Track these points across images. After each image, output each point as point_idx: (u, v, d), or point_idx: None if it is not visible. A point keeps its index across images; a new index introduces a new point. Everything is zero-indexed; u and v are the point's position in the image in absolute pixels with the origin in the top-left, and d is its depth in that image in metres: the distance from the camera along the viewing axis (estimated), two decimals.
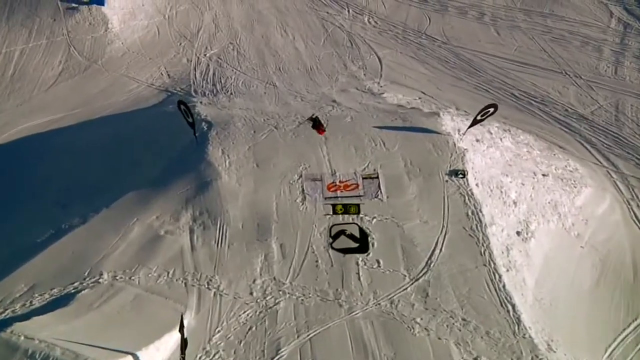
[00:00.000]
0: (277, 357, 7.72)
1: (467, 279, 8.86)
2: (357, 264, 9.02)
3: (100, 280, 8.67)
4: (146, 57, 16.38)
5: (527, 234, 9.84)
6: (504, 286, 8.78)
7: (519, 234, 9.80)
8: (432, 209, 9.71)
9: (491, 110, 10.56)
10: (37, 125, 13.67)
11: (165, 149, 10.97)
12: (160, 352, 7.48)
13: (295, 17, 18.05)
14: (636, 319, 9.00)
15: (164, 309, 8.31)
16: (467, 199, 9.88)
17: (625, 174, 11.95)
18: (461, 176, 10.11)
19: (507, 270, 9.10)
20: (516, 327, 8.28)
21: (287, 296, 8.61)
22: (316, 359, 7.71)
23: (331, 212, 9.63)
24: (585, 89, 14.71)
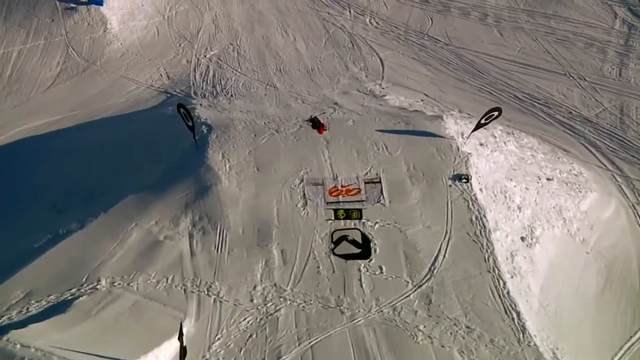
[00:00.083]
0: None
1: (471, 285, 8.78)
2: (359, 270, 8.93)
3: (98, 286, 8.58)
4: (145, 58, 16.25)
5: (532, 239, 9.72)
6: (508, 293, 8.71)
7: (523, 239, 9.68)
8: (436, 214, 9.60)
9: (495, 113, 10.43)
10: (35, 127, 13.54)
11: (164, 152, 10.83)
12: None
13: (296, 17, 17.93)
14: None
15: (163, 316, 8.23)
16: (470, 204, 9.76)
17: (630, 178, 11.82)
18: (465, 181, 9.98)
19: (512, 276, 9.01)
20: (521, 334, 8.21)
21: (288, 303, 8.52)
22: None
23: (333, 217, 9.54)
24: (589, 91, 14.57)
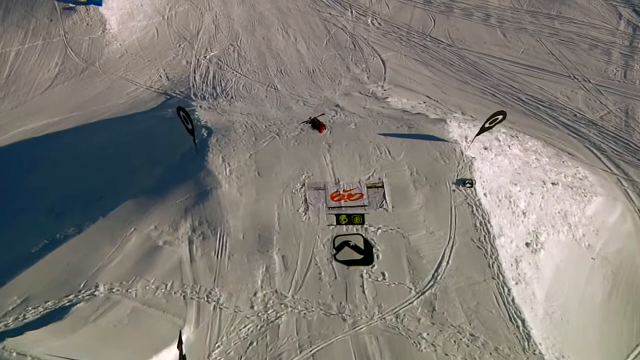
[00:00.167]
0: None
1: (475, 292, 8.65)
2: (361, 277, 8.80)
3: (96, 292, 8.47)
4: (145, 59, 16.09)
5: (537, 245, 9.57)
6: (513, 300, 8.58)
7: (528, 245, 9.54)
8: (439, 219, 9.46)
9: (500, 117, 10.27)
10: (32, 129, 13.38)
11: (163, 155, 10.68)
12: None
13: (297, 18, 17.75)
14: None
15: (162, 323, 8.12)
16: (475, 209, 9.62)
17: (636, 182, 11.67)
18: (469, 185, 9.83)
19: (517, 283, 8.88)
20: (526, 342, 8.08)
21: (289, 310, 8.40)
22: None
23: (335, 223, 9.41)
24: (594, 93, 14.41)
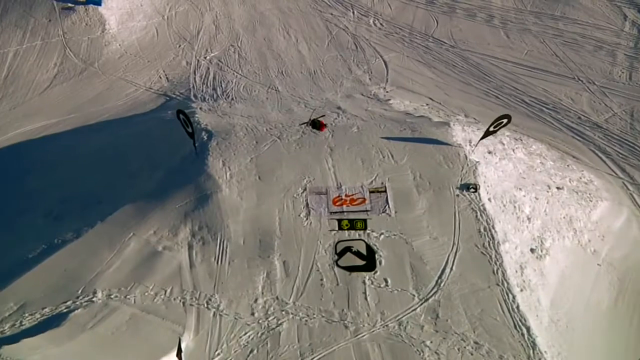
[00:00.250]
0: None
1: (479, 299, 8.54)
2: (363, 283, 8.69)
3: (94, 299, 8.36)
4: (144, 60, 15.95)
5: (542, 251, 9.45)
6: (517, 307, 8.47)
7: (533, 251, 9.41)
8: (443, 225, 9.33)
9: (504, 121, 10.13)
10: (30, 130, 13.25)
11: (163, 159, 10.55)
12: None
13: (298, 18, 17.61)
14: None
15: (161, 330, 8.03)
16: (479, 214, 9.48)
17: None
18: (473, 190, 9.69)
19: (521, 290, 8.77)
20: (531, 351, 7.98)
21: (291, 317, 8.30)
22: None
23: (337, 228, 9.28)
24: (598, 95, 14.27)
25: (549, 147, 12.24)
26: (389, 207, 9.48)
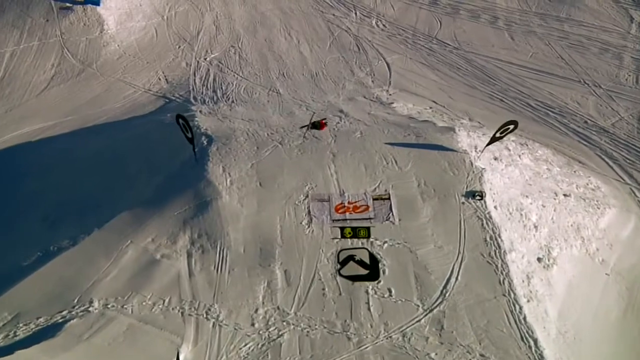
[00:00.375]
0: None
1: (485, 310, 8.35)
2: (366, 293, 8.51)
3: (90, 308, 8.17)
4: (143, 61, 15.73)
5: (549, 260, 9.25)
6: (524, 318, 8.28)
7: (540, 260, 9.20)
8: (448, 233, 9.13)
9: (511, 127, 9.91)
10: (27, 133, 13.05)
11: (162, 164, 10.34)
12: None
13: (300, 19, 17.40)
14: None
15: (159, 341, 7.86)
16: (485, 222, 9.28)
17: None
18: (479, 198, 9.49)
19: (528, 300, 8.58)
20: None
21: (292, 327, 8.12)
22: None
23: (339, 236, 9.09)
24: (605, 99, 14.06)
25: (555, 152, 12.05)
26: (392, 214, 9.28)
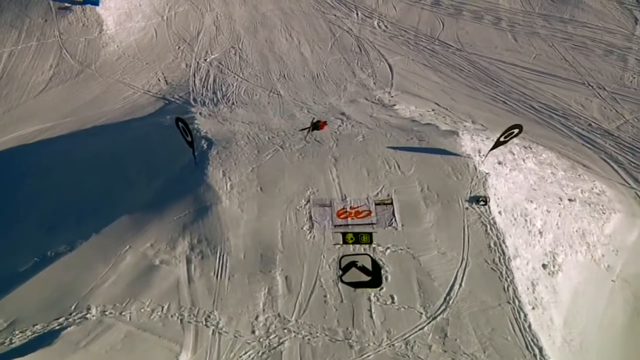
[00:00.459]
0: None
1: (490, 317, 8.20)
2: (369, 300, 8.36)
3: (87, 315, 8.03)
4: (143, 62, 15.59)
5: (554, 267, 9.10)
6: (529, 326, 8.14)
7: (545, 267, 9.06)
8: (451, 239, 8.98)
9: (515, 131, 9.77)
10: (24, 135, 12.91)
11: (161, 167, 10.20)
12: None
13: (301, 20, 17.25)
14: None
15: (158, 348, 7.71)
16: (489, 228, 9.13)
17: None
18: (483, 203, 9.34)
19: (533, 308, 8.43)
20: None
21: (293, 335, 7.97)
22: None
23: (341, 242, 8.94)
24: (609, 101, 13.92)
25: (559, 156, 11.90)
26: (395, 220, 9.14)
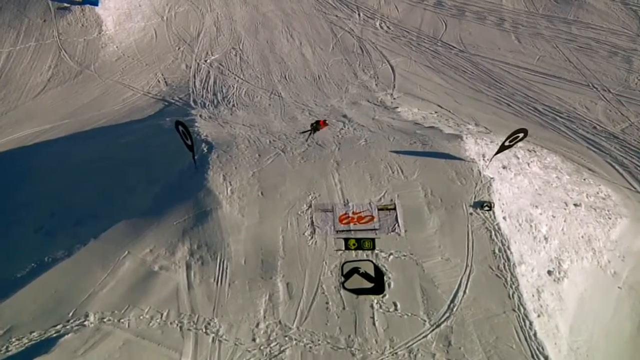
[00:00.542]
0: None
1: (494, 325, 8.04)
2: (371, 307, 8.20)
3: (85, 322, 7.86)
4: (142, 63, 15.43)
5: (560, 273, 8.94)
6: (535, 334, 7.98)
7: (550, 273, 8.90)
8: (455, 245, 8.82)
9: (521, 135, 9.60)
10: (22, 137, 12.75)
11: (160, 171, 10.03)
12: None
13: (302, 20, 17.08)
14: None
15: (157, 356, 7.56)
16: (493, 234, 8.97)
17: None
18: (487, 208, 9.18)
19: (539, 315, 8.27)
20: None
21: (294, 343, 7.82)
22: None
23: (343, 248, 8.77)
24: (614, 104, 13.75)
25: (564, 159, 11.75)
26: (398, 225, 8.98)
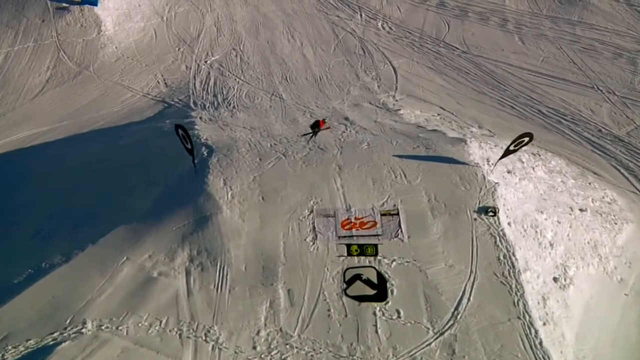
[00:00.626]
0: None
1: (499, 333, 7.92)
2: (374, 314, 8.08)
3: (83, 330, 7.74)
4: (142, 64, 15.30)
5: (565, 280, 8.81)
6: (540, 343, 7.85)
7: (556, 280, 8.77)
8: (459, 251, 8.69)
9: (526, 140, 9.46)
10: (20, 139, 12.63)
11: (160, 175, 9.90)
12: None
13: (303, 21, 16.95)
14: None
15: None
16: (498, 240, 8.84)
17: None
18: (492, 214, 9.04)
19: (544, 323, 8.14)
20: None
21: (295, 351, 7.69)
22: None
23: (345, 254, 8.64)
24: (619, 106, 13.60)
25: (569, 162, 11.61)
26: (401, 231, 8.84)
